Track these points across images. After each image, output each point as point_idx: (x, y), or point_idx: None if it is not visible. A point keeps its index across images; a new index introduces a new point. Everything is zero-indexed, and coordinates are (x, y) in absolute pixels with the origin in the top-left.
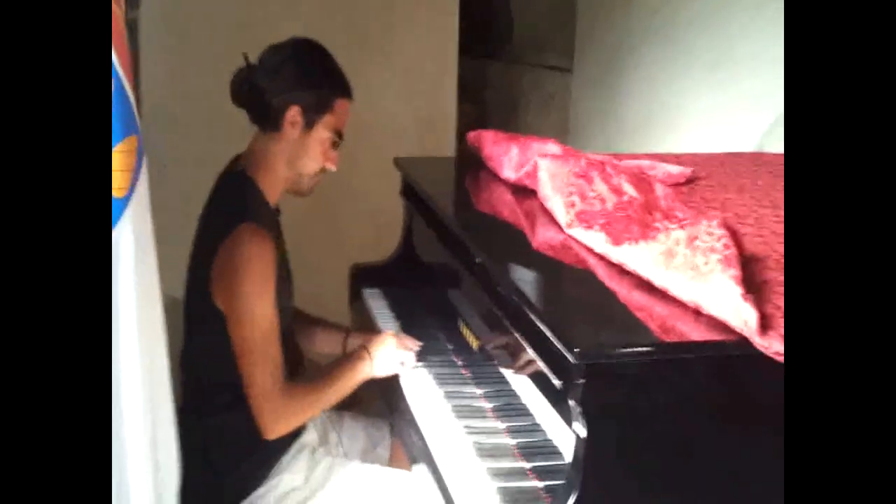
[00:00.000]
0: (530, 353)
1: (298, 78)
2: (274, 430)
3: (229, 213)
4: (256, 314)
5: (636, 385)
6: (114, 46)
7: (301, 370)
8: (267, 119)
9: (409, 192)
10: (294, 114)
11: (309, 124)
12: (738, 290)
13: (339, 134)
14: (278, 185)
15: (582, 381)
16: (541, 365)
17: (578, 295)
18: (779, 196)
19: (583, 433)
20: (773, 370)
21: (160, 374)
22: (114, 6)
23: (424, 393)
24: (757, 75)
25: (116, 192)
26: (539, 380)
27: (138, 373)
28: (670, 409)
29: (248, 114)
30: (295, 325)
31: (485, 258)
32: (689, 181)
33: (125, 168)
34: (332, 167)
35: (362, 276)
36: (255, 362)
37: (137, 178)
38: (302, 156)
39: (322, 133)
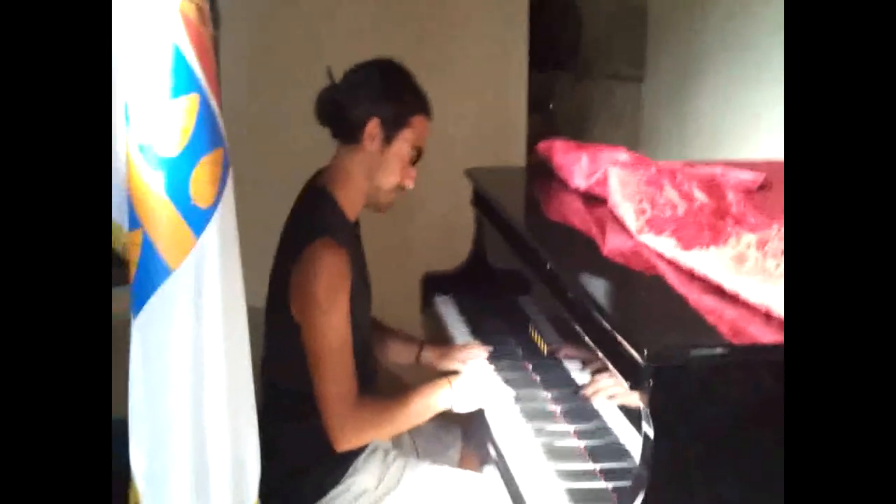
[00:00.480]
0: (600, 356)
1: (379, 92)
2: (343, 442)
3: (308, 227)
4: (329, 327)
5: (704, 387)
6: (199, 62)
7: (376, 381)
8: (348, 132)
9: (480, 202)
10: (373, 126)
11: (388, 138)
12: None
13: (417, 150)
14: (358, 200)
15: (651, 382)
16: (610, 367)
17: (648, 299)
18: None
19: (651, 434)
20: None
21: (244, 376)
22: (199, 25)
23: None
24: None
25: (203, 203)
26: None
27: (223, 375)
28: (739, 411)
29: (330, 130)
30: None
31: (555, 264)
32: (762, 188)
33: (211, 180)
34: (409, 184)
35: (434, 284)
36: (327, 374)
37: (223, 190)
38: (381, 169)
39: (401, 147)
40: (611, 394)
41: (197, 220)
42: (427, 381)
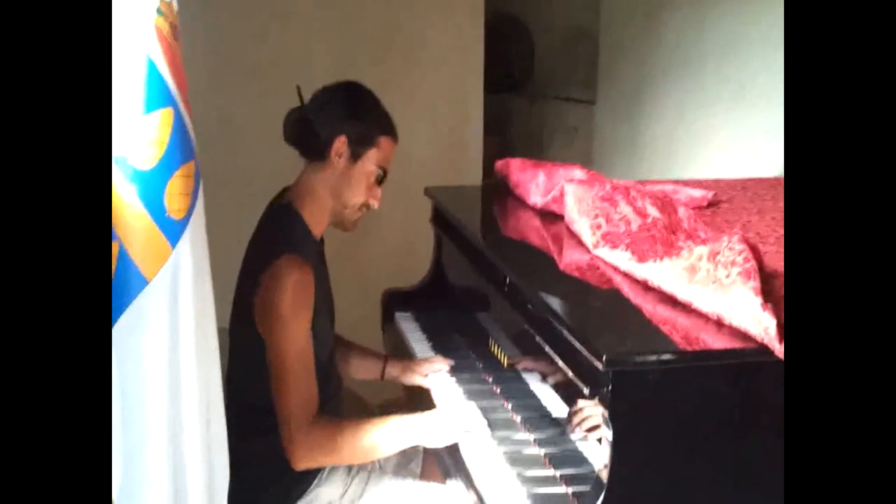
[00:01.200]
0: (560, 364)
1: (347, 110)
2: (300, 460)
3: (274, 243)
4: (292, 342)
5: (661, 392)
6: (172, 76)
7: (340, 399)
8: (315, 150)
9: (440, 220)
10: (341, 143)
11: (355, 156)
12: (757, 301)
13: (383, 171)
14: (323, 217)
15: (609, 388)
16: (570, 375)
17: (605, 310)
18: None
19: (610, 437)
20: None
21: (215, 386)
22: (172, 40)
23: (453, 401)
24: (778, 104)
25: (176, 215)
26: (567, 391)
27: (196, 384)
28: (694, 415)
29: (298, 149)
30: (336, 348)
31: (515, 278)
32: (712, 204)
33: (184, 192)
34: (375, 204)
35: (394, 301)
36: (288, 389)
37: (195, 202)
38: (347, 187)
39: (367, 166)
40: (593, 424)
41: (172, 230)
42: (391, 401)
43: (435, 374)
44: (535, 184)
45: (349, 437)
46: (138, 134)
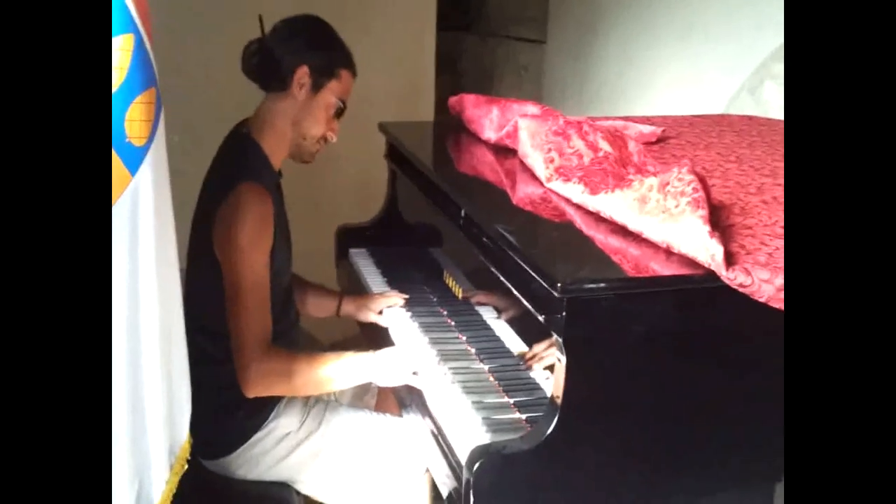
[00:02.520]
0: (515, 293)
1: (309, 41)
2: (251, 386)
3: (234, 171)
4: (249, 267)
5: (614, 318)
6: (134, 2)
7: (297, 333)
8: (276, 80)
9: (394, 155)
10: (302, 73)
11: (316, 87)
12: (706, 229)
13: (343, 104)
14: (282, 148)
15: (564, 314)
16: (525, 303)
17: (559, 241)
18: (743, 152)
19: (563, 362)
20: (737, 301)
21: (175, 313)
22: None
23: (411, 341)
24: (725, 44)
25: (137, 141)
26: (520, 321)
27: (157, 310)
28: (645, 340)
29: (258, 81)
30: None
31: (470, 210)
32: (660, 140)
33: (145, 118)
34: (333, 137)
35: (348, 237)
36: (243, 317)
37: (156, 129)
38: (307, 117)
39: (327, 98)
40: (549, 362)
41: (132, 158)
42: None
43: (390, 309)
44: (489, 119)
45: (302, 368)
46: None
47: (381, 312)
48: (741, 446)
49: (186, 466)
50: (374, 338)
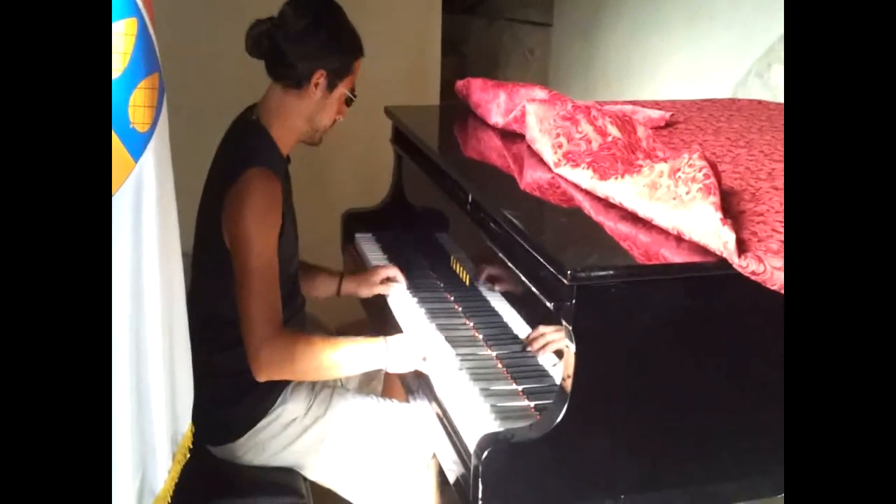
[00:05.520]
0: (524, 280)
1: (324, 44)
2: (262, 370)
3: (243, 157)
4: (258, 252)
5: (623, 305)
6: None
7: (304, 318)
8: (291, 81)
9: (401, 139)
10: (319, 76)
11: (332, 86)
12: (717, 216)
13: (354, 94)
14: (292, 138)
15: (573, 302)
16: (534, 290)
17: (568, 227)
18: (753, 137)
19: (573, 350)
20: (748, 289)
21: (178, 300)
22: None
23: (418, 327)
24: (732, 28)
25: (140, 127)
26: (528, 307)
27: (159, 297)
28: (655, 328)
29: (266, 67)
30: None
31: (478, 196)
32: (669, 125)
33: (148, 104)
34: (341, 118)
35: (354, 221)
36: (253, 303)
37: (159, 114)
38: (321, 113)
39: (341, 91)
40: (556, 348)
41: (135, 143)
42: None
43: (391, 280)
44: (497, 104)
45: (312, 353)
46: None
47: (382, 283)
48: (750, 434)
49: (189, 455)
50: (381, 322)
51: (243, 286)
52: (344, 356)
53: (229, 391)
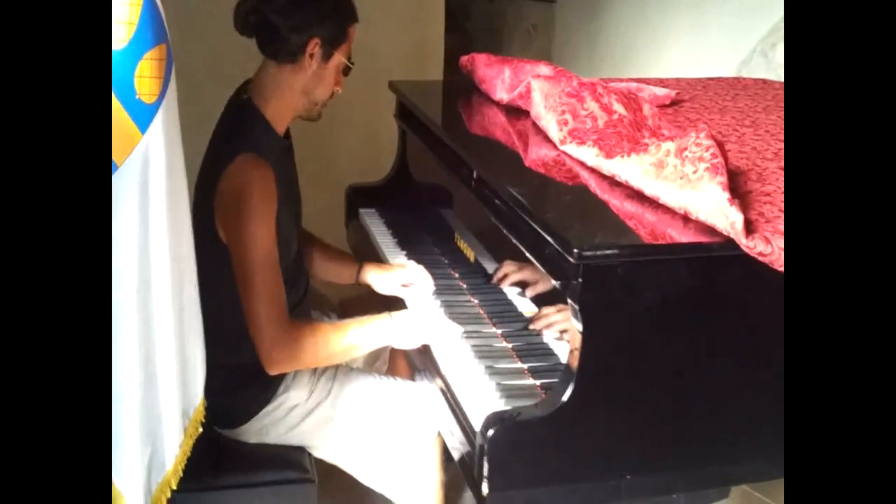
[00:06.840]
0: (529, 258)
1: (315, 11)
2: (275, 365)
3: (233, 143)
4: (255, 245)
5: (630, 284)
6: None
7: (308, 300)
8: (284, 53)
9: (405, 114)
10: (314, 46)
11: (327, 56)
12: (725, 195)
13: (351, 62)
14: (288, 114)
15: (580, 280)
16: (539, 268)
17: (574, 204)
18: (759, 117)
19: (580, 328)
20: (755, 269)
21: (188, 273)
22: None
23: (424, 302)
24: (737, 7)
25: (148, 98)
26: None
27: (168, 271)
28: (661, 307)
29: (258, 44)
30: (308, 250)
31: (484, 172)
32: (674, 103)
33: (156, 75)
34: (339, 90)
35: (359, 196)
36: (255, 293)
37: (167, 86)
38: (319, 85)
39: (338, 60)
40: (560, 328)
41: (142, 115)
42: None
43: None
44: (501, 80)
45: (323, 343)
46: None
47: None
48: (756, 415)
49: (201, 429)
50: (386, 298)
51: (246, 284)
52: (353, 339)
53: (230, 383)
